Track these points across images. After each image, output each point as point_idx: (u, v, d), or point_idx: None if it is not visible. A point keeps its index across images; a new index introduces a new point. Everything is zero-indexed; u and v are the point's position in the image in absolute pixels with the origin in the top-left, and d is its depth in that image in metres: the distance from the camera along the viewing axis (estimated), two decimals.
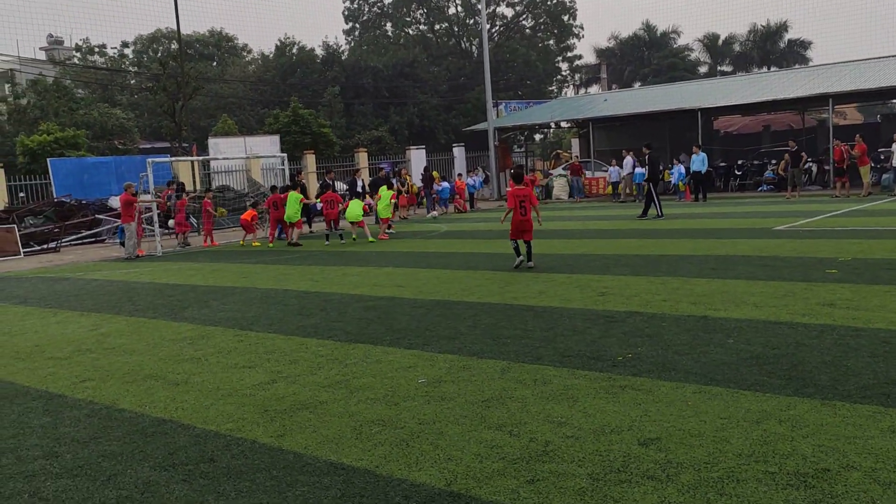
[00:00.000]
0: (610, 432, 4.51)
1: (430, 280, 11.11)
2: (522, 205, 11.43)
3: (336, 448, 4.55)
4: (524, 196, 11.51)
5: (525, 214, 11.44)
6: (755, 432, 4.36)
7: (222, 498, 3.95)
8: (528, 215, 11.48)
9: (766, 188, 28.96)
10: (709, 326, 7.04)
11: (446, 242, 16.97)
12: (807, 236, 13.56)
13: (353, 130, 46.22)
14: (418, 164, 34.75)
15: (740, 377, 5.42)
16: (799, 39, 64.37)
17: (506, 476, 3.98)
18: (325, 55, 53.88)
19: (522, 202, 11.44)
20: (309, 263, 14.43)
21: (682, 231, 15.89)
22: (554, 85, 62.25)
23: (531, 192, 11.98)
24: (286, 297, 10.40)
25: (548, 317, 7.93)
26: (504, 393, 5.41)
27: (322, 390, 5.79)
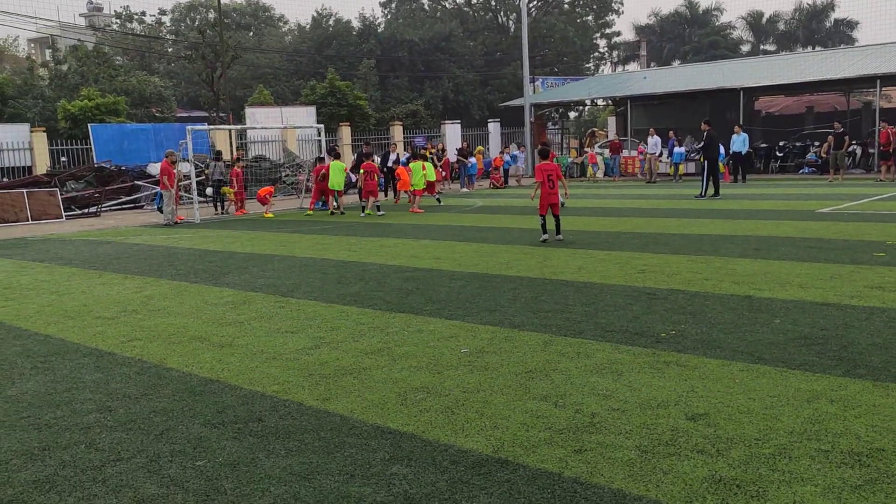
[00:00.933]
0: (657, 406, 4.49)
1: (468, 253, 11.11)
2: (550, 179, 11.82)
3: (381, 412, 4.60)
4: (551, 171, 11.93)
5: (553, 188, 11.80)
6: (806, 411, 4.31)
7: (272, 456, 4.01)
8: (556, 189, 11.87)
9: (808, 171, 28.37)
10: (753, 306, 6.94)
11: (482, 217, 16.94)
12: (852, 219, 13.29)
13: (388, 104, 46.12)
14: (453, 138, 34.63)
15: (788, 357, 5.35)
16: (846, 19, 62.69)
17: (553, 445, 3.99)
18: (361, 27, 53.71)
19: (550, 176, 11.85)
20: (346, 234, 14.50)
21: (722, 211, 15.66)
22: (591, 62, 61.40)
23: (558, 167, 12.42)
24: (325, 266, 10.48)
25: (588, 292, 7.89)
26: (547, 365, 5.40)
27: (365, 357, 5.84)
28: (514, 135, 38.45)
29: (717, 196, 19.38)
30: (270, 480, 3.71)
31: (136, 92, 37.51)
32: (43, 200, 21.24)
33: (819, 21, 62.45)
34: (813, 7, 62.15)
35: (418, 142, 35.06)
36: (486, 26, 59.44)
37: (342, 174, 19.25)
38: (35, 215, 20.65)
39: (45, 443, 4.36)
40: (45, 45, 58.10)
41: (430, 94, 48.76)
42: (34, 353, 6.40)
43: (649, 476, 3.57)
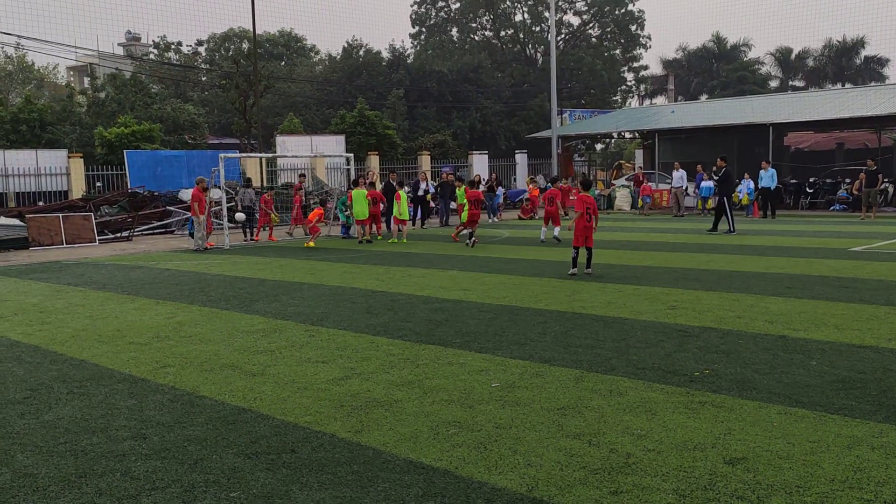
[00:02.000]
0: (693, 448, 4.43)
1: (496, 285, 11.11)
2: (588, 211, 11.80)
3: (414, 447, 4.59)
4: (591, 203, 11.89)
5: (590, 221, 11.79)
6: (847, 458, 4.23)
7: (306, 489, 4.02)
8: (592, 222, 11.88)
9: (839, 207, 28.07)
10: (788, 346, 6.85)
11: (509, 248, 16.94)
12: (886, 259, 13.10)
13: (416, 133, 46.56)
14: (480, 168, 34.79)
15: (827, 400, 5.26)
16: (876, 56, 62.29)
17: (588, 486, 3.95)
18: (391, 58, 54.46)
19: (589, 209, 11.80)
20: (374, 263, 14.57)
21: (752, 247, 15.52)
22: (618, 95, 61.56)
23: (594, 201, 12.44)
24: (354, 295, 10.53)
25: (618, 327, 7.84)
26: (580, 402, 5.37)
27: (396, 389, 5.84)
28: (540, 166, 38.56)
29: (732, 231, 19.18)
30: None
31: (171, 119, 38.28)
32: (77, 224, 21.63)
33: (849, 58, 62.15)
34: (843, 44, 61.91)
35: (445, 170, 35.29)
36: (514, 58, 59.94)
37: (365, 202, 19.28)
38: (69, 239, 21.03)
39: (81, 470, 4.41)
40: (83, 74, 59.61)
41: (458, 124, 49.15)
42: (70, 378, 6.49)
43: None
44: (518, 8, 60.02)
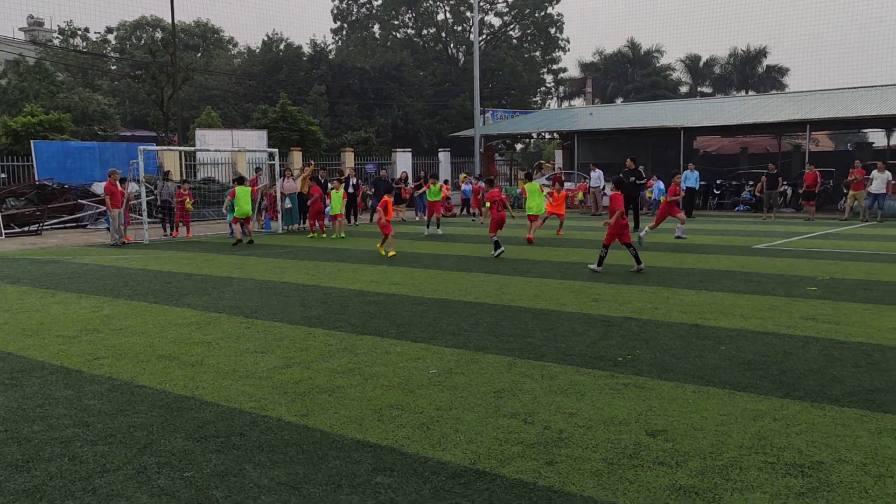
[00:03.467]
0: (619, 423, 4.82)
1: (426, 279, 11.38)
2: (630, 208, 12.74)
3: (360, 428, 4.80)
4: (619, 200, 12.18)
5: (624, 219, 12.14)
6: (753, 428, 4.70)
7: (259, 467, 4.18)
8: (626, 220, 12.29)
9: (743, 208, 29.67)
10: (701, 334, 7.40)
11: (435, 244, 17.24)
12: (785, 255, 14.06)
13: (338, 130, 46.34)
14: (404, 166, 35.00)
15: (735, 380, 5.77)
16: (777, 66, 65.79)
17: (525, 458, 4.26)
18: (312, 53, 53.96)
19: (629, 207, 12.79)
20: (302, 258, 14.60)
21: (667, 245, 16.33)
22: (538, 96, 62.92)
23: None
24: (285, 289, 10.60)
25: (546, 318, 8.24)
26: (514, 385, 5.70)
27: (337, 376, 6.03)
28: (464, 164, 39.08)
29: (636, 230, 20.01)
30: (260, 490, 3.88)
31: (79, 109, 36.88)
32: None
33: (752, 66, 65.42)
34: (747, 53, 65.12)
35: (368, 168, 35.35)
36: (436, 57, 60.39)
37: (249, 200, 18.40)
38: None
39: (27, 456, 4.43)
40: None
41: (380, 121, 49.21)
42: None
43: (616, 485, 3.88)
44: (440, 7, 60.49)
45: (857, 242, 16.48)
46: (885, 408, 5.05)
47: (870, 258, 13.47)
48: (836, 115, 29.49)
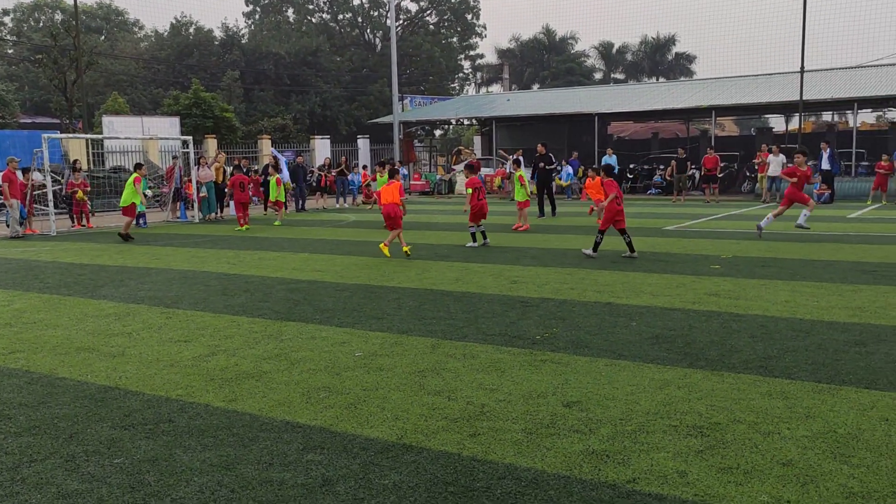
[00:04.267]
0: (537, 397, 5.10)
1: (348, 266, 11.48)
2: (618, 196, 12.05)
3: (288, 410, 4.92)
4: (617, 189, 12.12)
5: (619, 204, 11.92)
6: (659, 396, 5.06)
7: (189, 451, 4.25)
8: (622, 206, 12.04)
9: (654, 191, 30.83)
10: (613, 311, 7.80)
11: (357, 232, 17.31)
12: (692, 236, 14.80)
13: (253, 116, 45.48)
14: (323, 153, 34.70)
15: (644, 353, 6.15)
16: (685, 53, 68.27)
17: (450, 431, 4.48)
18: (224, 37, 52.69)
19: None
20: (221, 247, 14.42)
21: (582, 228, 16.89)
22: (456, 82, 63.31)
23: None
24: (206, 279, 10.50)
25: (467, 301, 8.50)
26: (437, 365, 5.91)
27: (263, 362, 6.11)
28: (383, 151, 39.04)
29: (553, 214, 20.55)
30: (192, 472, 3.96)
31: None
32: None
33: (662, 54, 67.72)
34: (657, 41, 67.30)
35: (287, 156, 34.87)
36: (353, 42, 59.90)
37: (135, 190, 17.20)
38: None
39: None
40: None
41: (297, 108, 48.56)
42: None
43: (535, 452, 4.14)
44: None
45: (756, 223, 17.45)
46: (776, 373, 5.51)
47: (767, 237, 14.33)
48: (740, 102, 30.96)
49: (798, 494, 3.57)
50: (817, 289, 8.85)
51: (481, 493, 3.65)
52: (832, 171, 24.97)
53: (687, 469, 3.88)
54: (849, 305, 7.86)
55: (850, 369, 5.57)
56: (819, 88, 29.66)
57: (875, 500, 3.50)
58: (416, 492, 3.68)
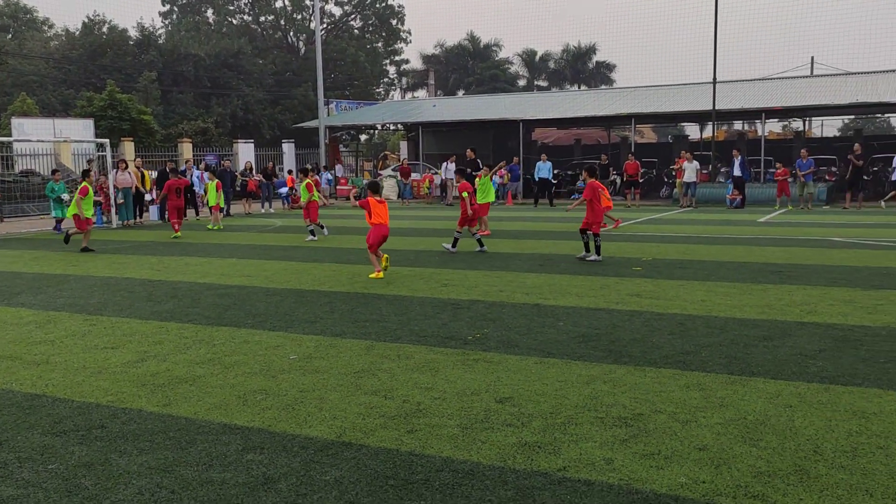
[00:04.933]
0: (471, 394, 5.27)
1: (278, 271, 11.43)
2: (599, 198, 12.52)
3: (225, 413, 4.94)
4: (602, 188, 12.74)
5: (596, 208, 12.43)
6: (586, 390, 5.31)
7: (125, 455, 4.24)
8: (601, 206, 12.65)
9: (578, 196, 31.60)
10: (542, 312, 8.06)
11: (284, 237, 17.17)
12: (615, 239, 15.33)
13: (172, 119, 44.34)
14: (246, 157, 34.15)
15: (571, 351, 6.42)
16: (605, 62, 70.21)
17: (388, 429, 4.61)
18: (139, 37, 51.16)
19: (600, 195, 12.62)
20: (144, 253, 14.10)
21: (510, 232, 17.25)
22: (381, 87, 63.31)
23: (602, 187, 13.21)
24: (130, 285, 10.28)
25: (399, 304, 8.62)
26: (373, 366, 6.02)
27: (196, 366, 6.08)
28: (309, 156, 38.71)
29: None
30: (130, 475, 3.96)
31: None
32: None
33: (583, 62, 69.45)
34: (578, 49, 69.00)
35: (209, 160, 34.19)
36: (276, 45, 59.16)
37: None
38: None
39: None
40: None
41: (219, 111, 47.60)
42: None
43: (471, 446, 4.31)
44: None
45: (675, 226, 18.21)
46: (693, 366, 5.86)
47: (684, 240, 15.00)
48: (657, 110, 32.14)
49: (712, 475, 3.85)
50: (731, 288, 9.35)
51: (420, 486, 3.79)
52: (743, 177, 26.19)
53: (613, 456, 4.12)
54: (758, 303, 8.36)
55: (759, 362, 5.97)
56: (730, 99, 31.08)
57: (779, 478, 3.81)
58: (358, 486, 3.79)
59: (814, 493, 3.63)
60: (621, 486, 3.75)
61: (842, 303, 8.30)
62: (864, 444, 4.24)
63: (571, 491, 3.71)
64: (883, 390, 5.20)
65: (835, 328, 7.10)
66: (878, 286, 9.27)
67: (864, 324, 7.25)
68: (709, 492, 3.68)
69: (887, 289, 9.09)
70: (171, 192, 18.10)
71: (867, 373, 5.62)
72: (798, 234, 16.04)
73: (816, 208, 24.13)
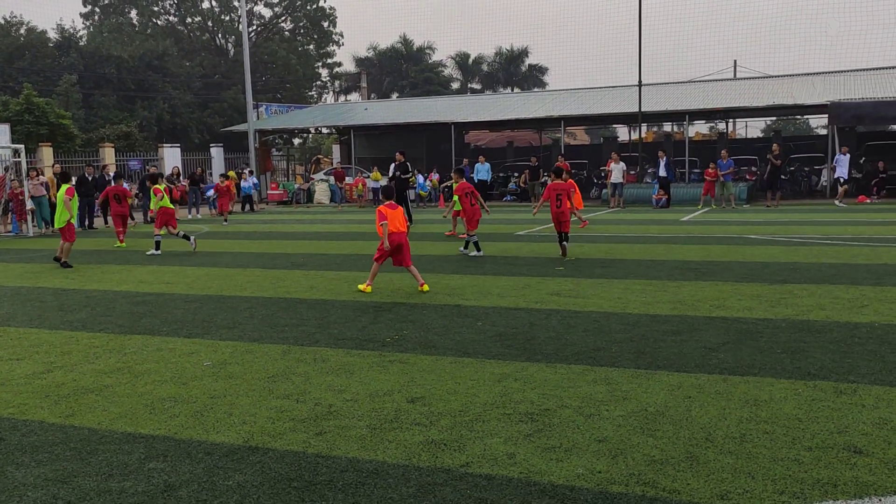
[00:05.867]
0: (383, 395, 5.31)
1: (200, 277, 11.23)
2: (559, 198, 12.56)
3: (131, 422, 4.86)
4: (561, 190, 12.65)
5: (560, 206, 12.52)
6: (497, 388, 5.41)
7: (22, 467, 4.13)
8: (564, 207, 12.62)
9: (510, 198, 32.01)
10: (462, 313, 8.16)
11: (211, 242, 16.87)
12: (541, 240, 15.60)
13: (95, 123, 42.99)
14: (172, 162, 33.38)
15: (487, 350, 6.52)
16: (538, 65, 71.18)
17: (297, 432, 4.61)
18: (59, 39, 49.48)
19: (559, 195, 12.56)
20: None
21: (438, 235, 17.34)
22: (314, 90, 62.74)
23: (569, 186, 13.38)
24: (41, 294, 9.95)
25: (320, 308, 8.60)
26: (287, 370, 6.00)
27: (104, 376, 5.95)
28: (238, 160, 38.08)
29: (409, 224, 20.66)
30: (26, 487, 3.86)
31: None
32: None
33: (516, 65, 70.28)
34: (511, 52, 69.78)
35: (133, 165, 33.30)
36: (204, 47, 58.02)
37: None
38: None
39: None
40: None
41: (144, 115, 46.38)
42: None
43: (378, 446, 4.35)
44: None
45: (602, 227, 18.63)
46: (602, 362, 6.04)
47: (608, 240, 15.36)
48: (587, 112, 32.79)
49: (609, 465, 3.99)
50: (647, 286, 9.64)
51: (323, 486, 3.81)
52: (668, 177, 26.98)
53: (516, 451, 4.22)
54: (671, 300, 8.64)
55: (666, 355, 6.19)
56: (657, 101, 31.94)
57: (671, 465, 3.98)
58: (260, 490, 3.79)
59: (700, 478, 3.80)
60: (520, 479, 3.84)
61: (749, 297, 8.66)
62: (752, 430, 4.46)
63: (472, 486, 3.79)
64: (776, 379, 5.46)
65: (739, 322, 7.40)
66: (784, 280, 9.69)
67: (766, 317, 7.58)
68: (603, 481, 3.81)
69: (792, 283, 9.51)
70: (112, 198, 16.88)
71: (763, 363, 5.89)
72: (717, 231, 16.62)
73: (738, 207, 25.02)
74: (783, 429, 4.45)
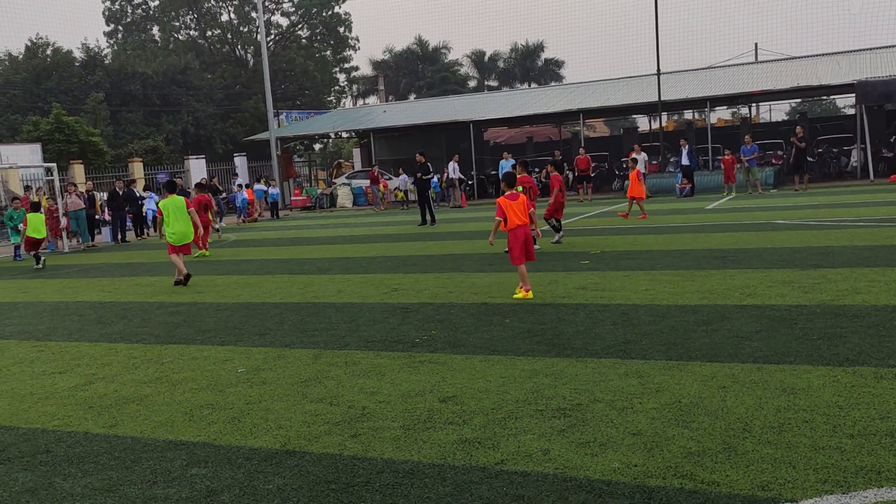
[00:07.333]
0: (415, 395, 5.37)
1: (230, 285, 11.40)
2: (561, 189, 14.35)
3: (171, 430, 4.97)
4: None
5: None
6: (528, 385, 5.45)
7: (69, 479, 4.25)
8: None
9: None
10: (489, 311, 8.20)
11: (238, 251, 17.09)
12: (566, 234, 15.56)
13: (123, 139, 43.68)
14: (198, 173, 33.83)
15: (516, 347, 6.56)
16: (554, 59, 70.94)
17: (332, 435, 4.68)
18: (85, 58, 50.29)
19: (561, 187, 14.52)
20: (95, 276, 13.92)
21: (462, 233, 17.41)
22: (332, 95, 63.11)
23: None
24: (80, 308, 10.17)
25: (349, 311, 8.69)
26: (319, 374, 6.09)
27: (143, 386, 6.08)
28: (261, 168, 38.46)
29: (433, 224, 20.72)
30: (74, 497, 3.98)
31: None
32: None
33: (532, 60, 70.09)
34: (526, 47, 69.63)
35: (160, 178, 33.78)
36: (224, 59, 58.64)
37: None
38: None
39: None
40: None
41: (169, 128, 47.02)
42: None
43: (412, 446, 4.41)
44: (223, 7, 58.72)
45: (625, 218, 18.53)
46: (632, 355, 6.04)
47: (633, 231, 15.30)
48: (606, 104, 32.63)
49: (644, 458, 4.01)
50: (674, 276, 9.60)
51: (361, 488, 3.88)
52: (691, 166, 26.75)
53: (550, 447, 4.25)
54: (700, 289, 8.60)
55: (697, 346, 6.18)
56: (676, 89, 31.68)
57: (709, 456, 3.98)
58: (300, 493, 3.86)
59: (740, 469, 3.80)
60: (556, 475, 3.88)
61: (781, 284, 8.58)
62: (790, 419, 4.44)
63: (508, 483, 3.83)
64: (813, 366, 5.42)
65: (772, 309, 7.35)
66: (817, 265, 9.59)
67: (800, 303, 7.51)
68: (640, 475, 3.83)
69: (825, 267, 9.41)
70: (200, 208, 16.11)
71: (799, 350, 5.85)
72: (744, 218, 16.47)
73: (766, 192, 24.73)
74: (823, 416, 4.43)
